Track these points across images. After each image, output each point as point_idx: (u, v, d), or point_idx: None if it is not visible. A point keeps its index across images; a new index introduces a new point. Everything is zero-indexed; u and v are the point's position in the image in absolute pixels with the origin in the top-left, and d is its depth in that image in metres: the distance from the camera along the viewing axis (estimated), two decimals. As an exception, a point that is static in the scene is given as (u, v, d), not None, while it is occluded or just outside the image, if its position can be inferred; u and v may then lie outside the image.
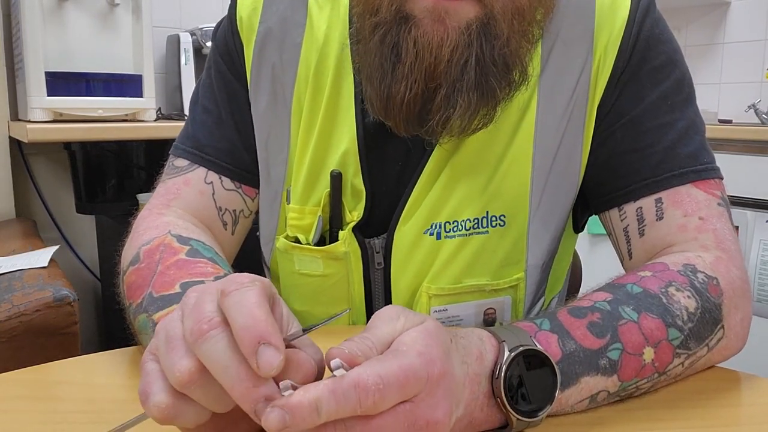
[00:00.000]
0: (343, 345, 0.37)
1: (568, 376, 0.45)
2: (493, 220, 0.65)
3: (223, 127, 0.72)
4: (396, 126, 0.61)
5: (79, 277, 2.03)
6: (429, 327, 0.39)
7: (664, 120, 0.63)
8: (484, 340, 0.44)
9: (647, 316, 0.50)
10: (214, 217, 0.71)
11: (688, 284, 0.53)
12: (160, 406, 0.35)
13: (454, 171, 0.64)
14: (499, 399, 0.42)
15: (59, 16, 1.62)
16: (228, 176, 0.71)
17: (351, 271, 0.67)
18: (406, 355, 0.36)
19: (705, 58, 2.56)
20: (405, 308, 0.41)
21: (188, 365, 0.35)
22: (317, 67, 0.68)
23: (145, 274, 0.58)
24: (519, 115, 0.64)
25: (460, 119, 0.58)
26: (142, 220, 0.68)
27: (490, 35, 0.56)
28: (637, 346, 0.48)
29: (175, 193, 0.70)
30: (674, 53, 0.65)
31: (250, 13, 0.71)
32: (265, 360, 0.33)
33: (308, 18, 0.69)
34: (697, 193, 0.62)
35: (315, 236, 0.67)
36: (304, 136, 0.68)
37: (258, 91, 0.71)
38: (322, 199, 0.66)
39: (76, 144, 1.87)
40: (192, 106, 0.75)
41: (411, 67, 0.56)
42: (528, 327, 0.47)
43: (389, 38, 0.57)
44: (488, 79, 0.57)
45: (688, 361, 0.52)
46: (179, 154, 0.73)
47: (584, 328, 0.47)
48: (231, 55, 0.72)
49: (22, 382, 0.53)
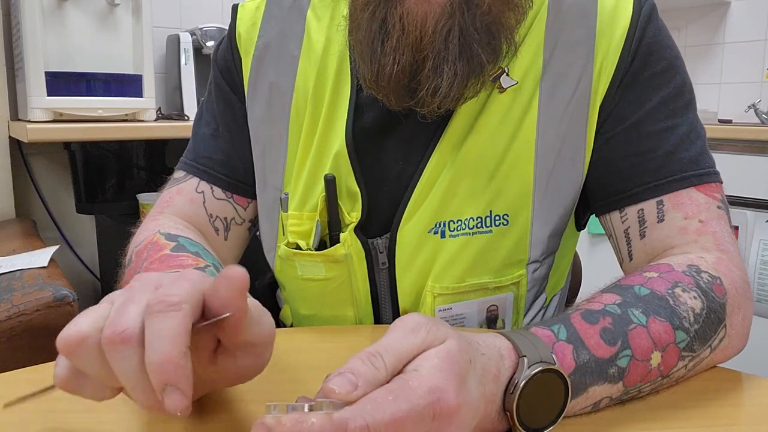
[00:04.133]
0: (349, 364, 0.36)
1: (577, 387, 0.45)
2: (496, 219, 0.66)
3: (219, 139, 0.75)
4: (387, 99, 0.62)
5: (79, 277, 2.03)
6: (451, 350, 0.38)
7: (665, 124, 0.64)
8: (504, 356, 0.43)
9: (656, 319, 0.50)
10: (206, 223, 0.74)
11: (694, 284, 0.54)
12: (57, 375, 0.38)
13: (457, 170, 0.65)
14: (509, 413, 0.42)
15: (59, 16, 1.62)
16: (219, 186, 0.74)
17: (353, 272, 0.68)
18: (413, 393, 0.36)
19: (705, 58, 2.56)
20: (429, 318, 0.40)
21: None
22: (317, 77, 0.69)
23: (133, 272, 0.61)
24: (521, 114, 0.65)
25: (448, 88, 0.59)
26: (139, 227, 0.71)
27: (472, 4, 0.58)
28: (646, 352, 0.48)
29: (168, 201, 0.74)
30: (675, 59, 0.66)
31: (249, 28, 0.73)
32: (171, 403, 0.35)
33: (306, 30, 0.71)
34: (697, 196, 0.62)
35: (315, 241, 0.67)
36: (305, 145, 0.69)
37: (255, 102, 0.73)
38: (318, 203, 0.67)
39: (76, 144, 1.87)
40: (196, 122, 0.79)
41: (399, 41, 0.58)
42: (546, 337, 0.46)
43: (378, 14, 0.59)
44: (472, 45, 0.58)
45: (691, 363, 0.52)
46: (179, 167, 0.77)
47: (597, 337, 0.47)
48: (230, 70, 0.75)
49: (22, 382, 0.53)
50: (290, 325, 0.80)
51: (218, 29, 1.99)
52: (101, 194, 1.93)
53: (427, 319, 0.40)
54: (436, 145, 0.65)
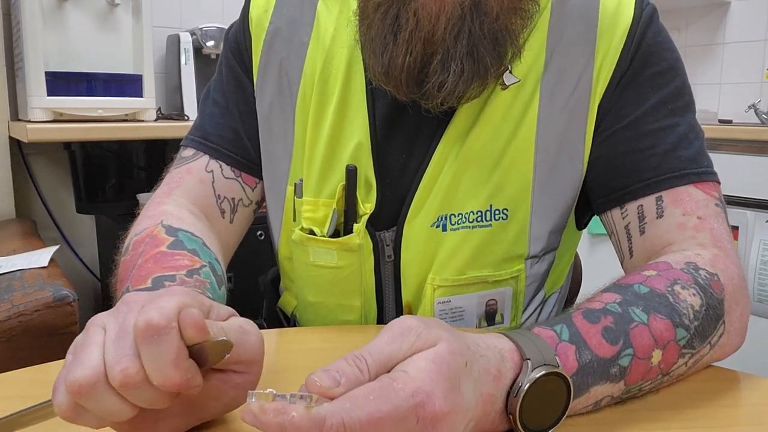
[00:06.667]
0: (334, 364, 0.37)
1: (579, 387, 0.45)
2: (496, 214, 0.67)
3: (228, 117, 0.76)
4: (396, 89, 0.63)
5: (79, 277, 2.03)
6: (441, 354, 0.38)
7: (664, 123, 0.65)
8: (506, 358, 0.43)
9: (656, 317, 0.50)
10: (213, 205, 0.74)
11: (692, 281, 0.54)
12: (60, 407, 0.38)
13: (460, 164, 0.66)
14: (512, 416, 0.42)
15: (59, 16, 1.62)
16: (229, 163, 0.74)
17: (364, 263, 0.69)
18: (395, 395, 0.36)
19: (705, 58, 2.56)
20: (423, 320, 0.40)
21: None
22: (324, 65, 0.70)
23: (128, 266, 0.60)
24: (522, 111, 0.66)
25: (453, 84, 0.60)
26: (145, 208, 0.71)
27: (480, 11, 0.60)
28: (647, 350, 0.49)
29: (177, 181, 0.74)
30: (675, 61, 0.67)
31: (261, 14, 0.74)
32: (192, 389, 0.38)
33: (316, 19, 0.72)
34: (696, 193, 0.63)
35: (330, 228, 0.68)
36: (312, 132, 0.70)
37: (264, 84, 0.74)
38: (336, 192, 0.68)
39: (76, 144, 1.87)
40: (203, 101, 0.79)
41: (411, 34, 0.60)
42: (549, 337, 0.46)
43: (390, 12, 0.61)
44: (479, 49, 0.60)
45: (691, 361, 0.52)
46: (187, 144, 0.77)
47: (599, 336, 0.47)
48: (240, 51, 0.76)
49: (22, 382, 0.53)
50: (291, 312, 0.80)
51: (218, 29, 1.99)
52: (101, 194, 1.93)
53: (420, 321, 0.40)
54: (440, 139, 0.66)
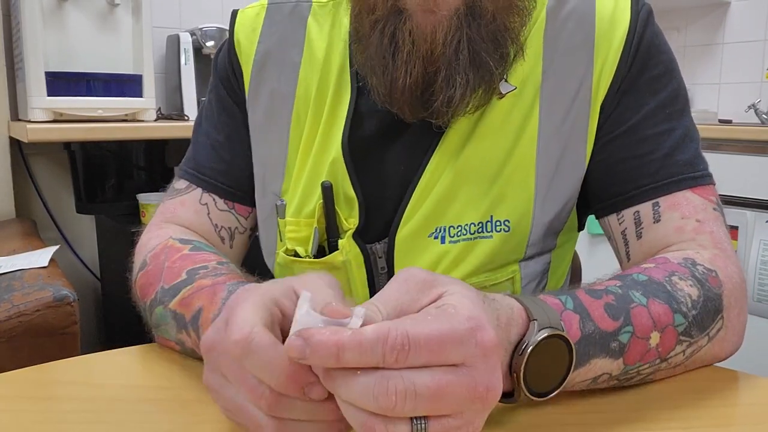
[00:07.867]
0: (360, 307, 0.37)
1: (581, 357, 0.46)
2: (497, 225, 0.66)
3: (220, 149, 0.75)
4: (401, 111, 0.62)
5: (79, 277, 2.03)
6: (473, 293, 0.39)
7: (662, 128, 0.65)
8: (515, 311, 0.44)
9: (655, 301, 0.51)
10: (212, 232, 0.74)
11: (690, 275, 0.55)
12: None
13: (457, 175, 0.65)
14: (516, 374, 0.42)
15: (59, 16, 1.62)
16: (222, 196, 0.74)
17: (353, 279, 0.68)
18: (452, 317, 0.36)
19: (705, 58, 2.56)
20: (435, 275, 0.40)
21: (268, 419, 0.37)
22: (320, 84, 0.69)
23: (155, 273, 0.61)
24: (521, 120, 0.65)
25: (461, 97, 0.60)
26: (144, 235, 0.71)
27: (476, 15, 0.59)
28: (646, 330, 0.49)
29: (171, 212, 0.74)
30: (671, 63, 0.67)
31: (249, 34, 0.73)
32: (316, 395, 0.37)
33: (306, 37, 0.71)
34: (694, 198, 0.63)
35: (313, 248, 0.68)
36: (304, 152, 0.70)
37: (255, 109, 0.73)
38: (315, 210, 0.67)
39: (76, 144, 1.87)
40: (195, 129, 0.79)
41: (409, 55, 0.59)
42: (555, 305, 0.47)
43: (387, 30, 0.60)
44: (481, 55, 0.60)
45: (689, 350, 0.53)
46: (181, 175, 0.76)
47: (602, 309, 0.48)
48: (229, 79, 0.74)
49: (22, 382, 0.53)
50: None
51: (218, 29, 2.00)
52: (101, 194, 1.94)
53: (434, 276, 0.40)
54: (435, 149, 0.65)
